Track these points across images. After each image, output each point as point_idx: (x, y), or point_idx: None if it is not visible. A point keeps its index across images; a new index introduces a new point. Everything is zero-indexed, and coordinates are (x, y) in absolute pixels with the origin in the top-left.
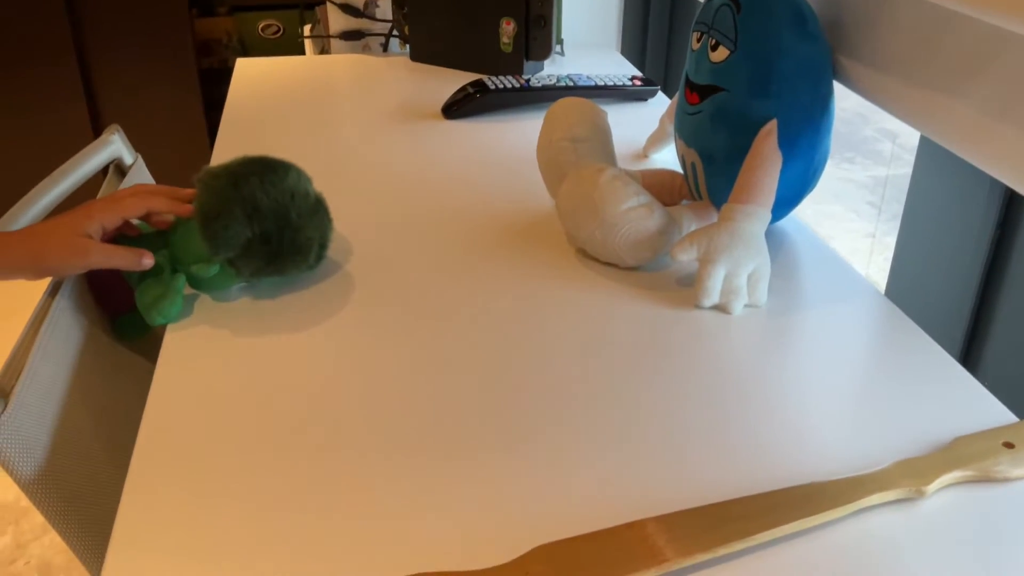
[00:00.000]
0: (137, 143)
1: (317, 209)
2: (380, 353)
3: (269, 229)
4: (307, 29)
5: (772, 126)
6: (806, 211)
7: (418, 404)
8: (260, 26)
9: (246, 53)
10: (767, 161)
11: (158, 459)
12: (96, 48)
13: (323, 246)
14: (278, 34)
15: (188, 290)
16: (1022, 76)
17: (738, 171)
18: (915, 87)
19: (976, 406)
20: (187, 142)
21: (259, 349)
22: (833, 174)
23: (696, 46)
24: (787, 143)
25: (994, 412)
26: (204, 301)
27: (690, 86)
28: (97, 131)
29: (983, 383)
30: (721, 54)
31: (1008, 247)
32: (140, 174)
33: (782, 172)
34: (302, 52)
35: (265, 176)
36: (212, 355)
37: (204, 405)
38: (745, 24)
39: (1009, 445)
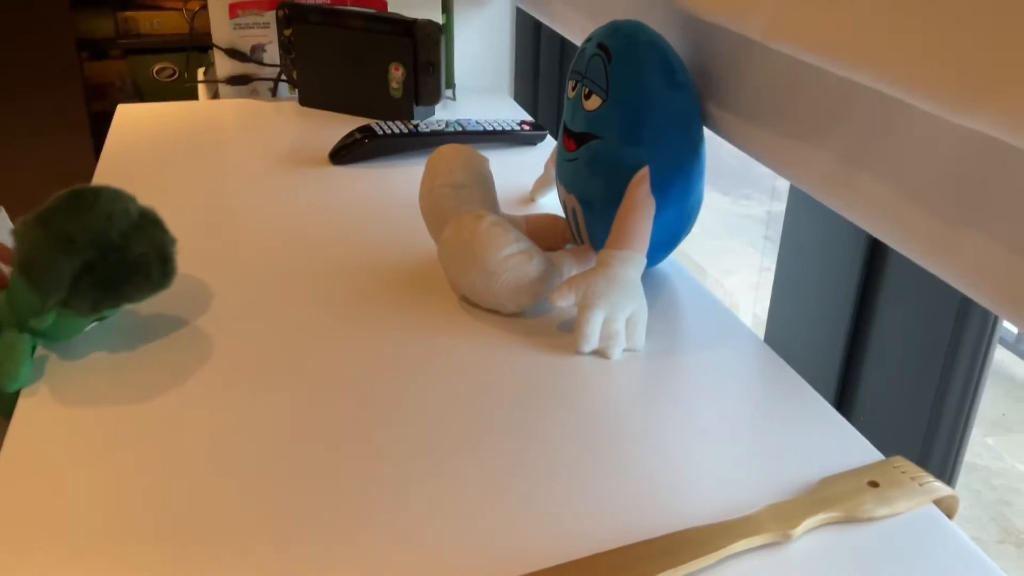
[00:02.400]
0: (26, 188)
1: (142, 224)
2: (247, 415)
3: (91, 257)
4: (200, 73)
5: (644, 173)
6: (704, 247)
7: (288, 465)
8: (154, 69)
9: (141, 96)
10: (640, 207)
11: (6, 536)
12: None
13: (164, 260)
14: (173, 77)
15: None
16: (872, 126)
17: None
18: (777, 136)
19: (845, 447)
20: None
21: (118, 409)
22: (731, 210)
23: (571, 94)
24: (660, 189)
25: (863, 452)
26: (57, 360)
27: (567, 133)
28: None
29: (857, 423)
30: (594, 102)
31: (875, 287)
32: (2, 226)
33: (656, 217)
34: (196, 96)
35: (74, 205)
36: (67, 420)
37: (58, 472)
38: (616, 74)
39: (874, 484)
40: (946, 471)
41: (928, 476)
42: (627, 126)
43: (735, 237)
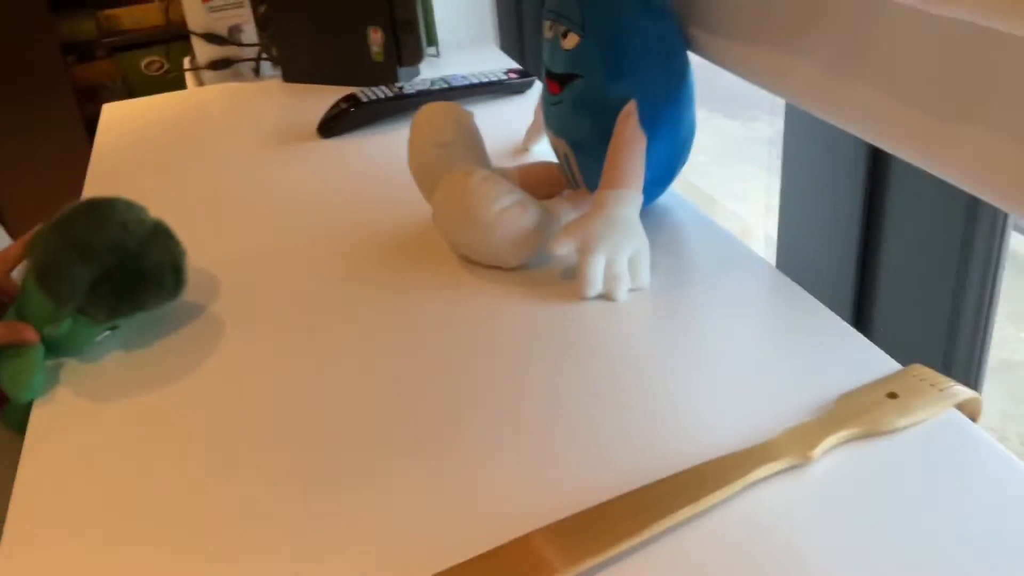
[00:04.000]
0: (26, 198)
1: (156, 234)
2: (263, 391)
3: (109, 264)
4: (186, 62)
5: (631, 107)
6: (716, 175)
7: (315, 426)
8: (143, 64)
9: (132, 93)
10: (631, 143)
11: (31, 538)
12: None
13: (177, 269)
14: (162, 70)
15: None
16: (851, 27)
17: None
18: (760, 50)
19: (862, 361)
20: (75, 192)
21: (134, 409)
22: (741, 134)
23: (549, 35)
24: (649, 122)
25: (881, 364)
26: (71, 365)
27: (549, 76)
28: None
29: (878, 336)
30: (572, 41)
31: (881, 195)
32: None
33: (649, 151)
34: (185, 86)
35: (91, 215)
36: (84, 423)
37: (78, 478)
38: (590, 9)
39: (893, 395)
40: (971, 373)
41: (948, 381)
42: (608, 61)
43: (746, 161)
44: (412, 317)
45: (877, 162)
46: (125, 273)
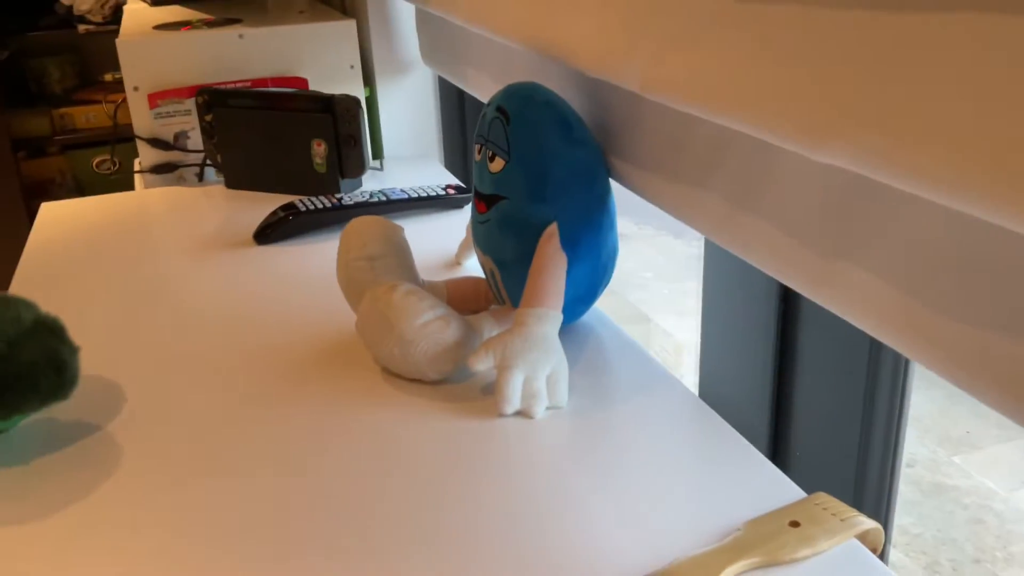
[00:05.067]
0: None
1: (35, 332)
2: (169, 509)
3: None
4: (137, 163)
5: (553, 229)
6: (661, 291)
7: (220, 553)
8: (94, 162)
9: (81, 190)
10: (551, 263)
11: None
12: None
13: (59, 370)
14: (113, 169)
15: None
16: (750, 166)
17: None
18: (671, 183)
19: (771, 489)
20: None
21: (10, 537)
22: (684, 252)
23: (478, 157)
24: (570, 244)
25: (789, 492)
26: None
27: (478, 196)
28: None
29: (794, 464)
30: (498, 164)
31: (793, 321)
32: None
33: (570, 272)
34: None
35: None
36: None
37: None
38: (515, 135)
39: (795, 524)
40: (882, 499)
41: (850, 511)
42: (531, 185)
43: (690, 279)
44: (330, 430)
45: (789, 292)
46: None
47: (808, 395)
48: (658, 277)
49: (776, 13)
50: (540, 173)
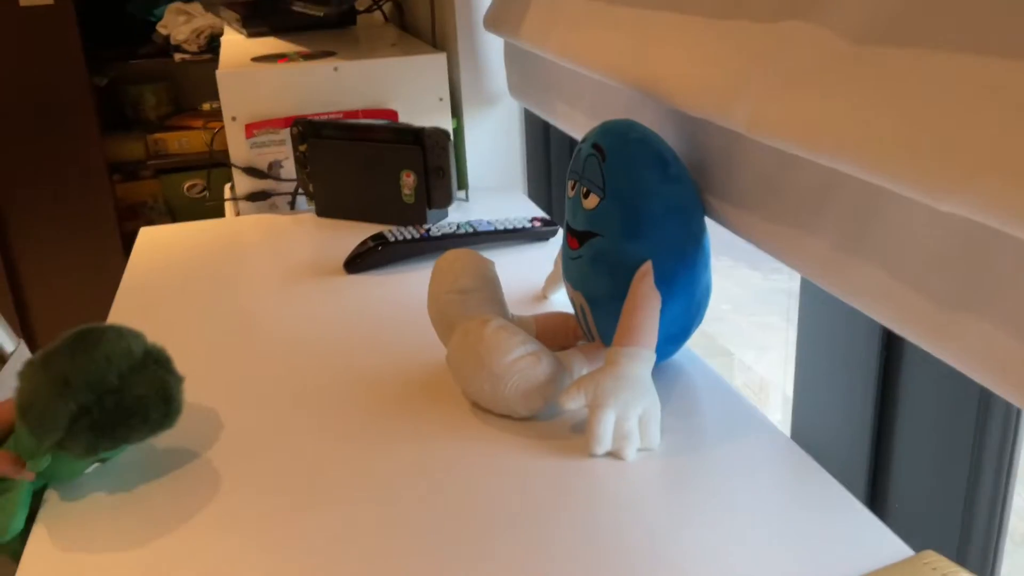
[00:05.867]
0: (58, 308)
1: (145, 365)
2: (260, 539)
3: (86, 400)
4: (227, 189)
5: (647, 267)
6: (738, 323)
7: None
8: (185, 186)
9: (172, 214)
10: (645, 302)
11: None
12: (16, 217)
13: (167, 400)
14: (203, 193)
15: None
16: (862, 211)
17: None
18: (773, 224)
19: (875, 543)
20: (104, 306)
21: (114, 561)
22: (762, 285)
23: (571, 194)
24: (664, 282)
25: (893, 548)
26: (58, 507)
27: (570, 232)
28: (20, 300)
29: (891, 516)
30: (592, 201)
31: (896, 368)
32: (21, 359)
33: (663, 310)
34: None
35: (76, 347)
36: (72, 568)
37: None
38: (610, 171)
39: None
40: (988, 557)
41: (961, 571)
42: (626, 222)
43: (769, 312)
44: (418, 463)
45: (893, 334)
46: (103, 409)
47: (910, 443)
48: (736, 310)
49: (899, 57)
50: (635, 210)
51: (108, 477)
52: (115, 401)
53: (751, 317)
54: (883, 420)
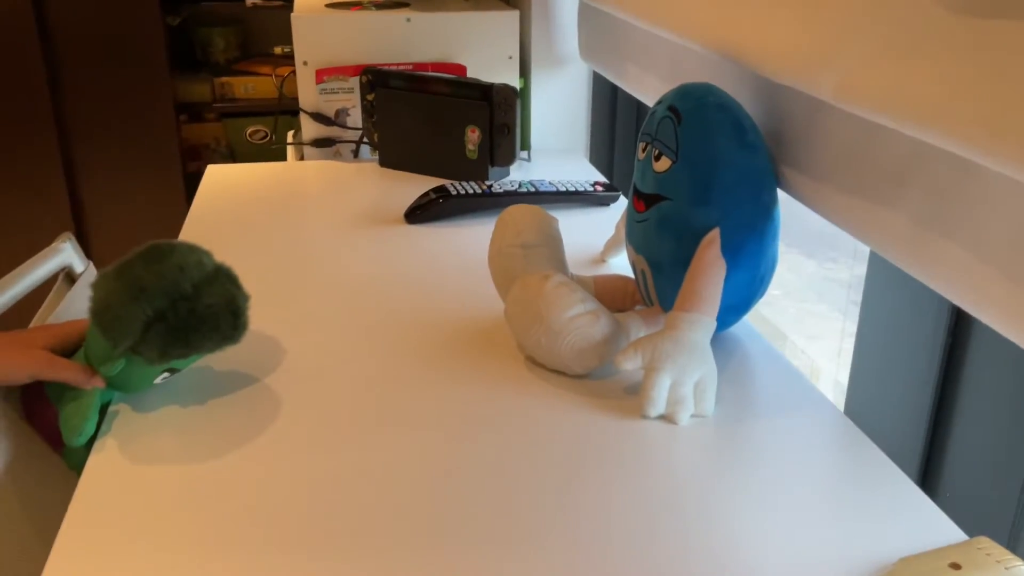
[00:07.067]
0: (120, 244)
1: (216, 277)
2: (319, 463)
3: (161, 306)
4: (290, 135)
5: (715, 234)
6: (788, 310)
7: (359, 513)
8: (248, 132)
9: (234, 158)
10: (710, 269)
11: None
12: (82, 150)
13: (236, 314)
14: (265, 139)
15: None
16: (947, 188)
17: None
18: (851, 197)
19: (926, 525)
20: None
21: (181, 475)
22: (816, 273)
23: (641, 156)
24: (731, 251)
25: (945, 531)
26: (129, 416)
27: (637, 194)
28: (81, 232)
29: (943, 500)
30: (664, 164)
31: (960, 355)
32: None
33: (727, 280)
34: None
35: (150, 257)
36: (131, 481)
37: (119, 538)
38: (685, 135)
39: (955, 566)
40: None
41: (1016, 559)
42: (697, 187)
43: (821, 301)
44: (470, 412)
45: (960, 320)
46: (177, 314)
47: (969, 428)
48: (786, 295)
49: (999, 27)
50: (707, 176)
51: (175, 394)
52: (188, 308)
53: (802, 304)
54: (942, 404)
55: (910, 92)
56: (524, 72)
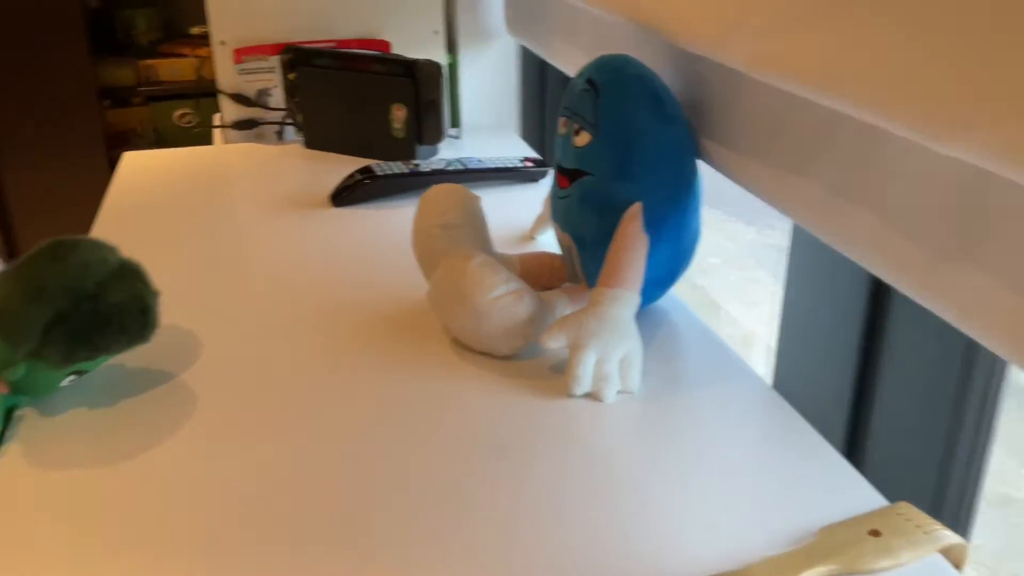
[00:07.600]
0: (44, 232)
1: (122, 274)
2: (238, 458)
3: (62, 306)
4: (216, 118)
5: (636, 209)
6: (729, 278)
7: (279, 506)
8: (175, 115)
9: (161, 143)
10: (633, 244)
11: None
12: (2, 137)
13: (144, 312)
14: (192, 124)
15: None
16: (860, 156)
17: None
18: (768, 167)
19: (848, 493)
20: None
21: (89, 479)
22: (756, 240)
23: (562, 131)
24: (653, 225)
25: (868, 498)
26: (35, 420)
27: (560, 170)
28: (6, 225)
29: (869, 468)
30: (584, 138)
31: (882, 323)
32: None
33: (650, 254)
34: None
35: (51, 254)
36: (37, 489)
37: (22, 545)
38: (604, 108)
39: (875, 533)
40: (961, 512)
41: (935, 523)
42: (617, 161)
43: (759, 267)
44: (396, 397)
45: (880, 287)
46: (80, 315)
47: (891, 397)
48: (726, 264)
49: None
50: (627, 150)
51: (84, 395)
52: (92, 307)
53: (741, 272)
54: (865, 373)
55: (818, 59)
56: (451, 48)
